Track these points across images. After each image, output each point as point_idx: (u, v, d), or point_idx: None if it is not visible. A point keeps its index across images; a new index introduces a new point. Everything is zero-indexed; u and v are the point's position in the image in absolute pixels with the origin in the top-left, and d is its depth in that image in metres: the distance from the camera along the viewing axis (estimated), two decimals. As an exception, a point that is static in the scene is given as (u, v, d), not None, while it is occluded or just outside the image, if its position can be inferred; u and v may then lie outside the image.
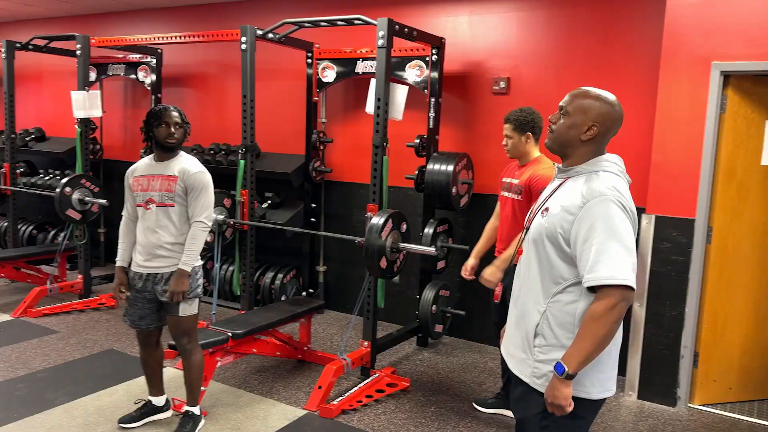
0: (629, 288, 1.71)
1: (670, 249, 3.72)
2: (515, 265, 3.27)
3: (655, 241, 3.76)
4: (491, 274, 3.19)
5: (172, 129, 2.99)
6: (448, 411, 3.59)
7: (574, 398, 1.80)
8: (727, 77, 3.56)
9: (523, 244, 2.02)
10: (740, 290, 3.78)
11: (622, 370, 4.08)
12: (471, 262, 3.53)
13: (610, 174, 1.84)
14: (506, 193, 3.31)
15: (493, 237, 3.48)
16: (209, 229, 3.08)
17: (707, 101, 3.56)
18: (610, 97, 1.89)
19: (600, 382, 1.86)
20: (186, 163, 3.05)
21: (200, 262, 3.09)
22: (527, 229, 1.99)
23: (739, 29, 3.47)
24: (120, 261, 3.14)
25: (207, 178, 3.07)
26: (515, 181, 3.23)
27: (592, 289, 1.76)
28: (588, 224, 1.75)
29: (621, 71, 4.11)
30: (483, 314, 4.61)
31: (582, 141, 1.86)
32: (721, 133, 3.61)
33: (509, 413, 3.52)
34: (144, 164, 3.11)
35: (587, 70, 4.23)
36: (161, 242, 3.01)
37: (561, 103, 1.92)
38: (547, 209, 1.89)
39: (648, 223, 3.77)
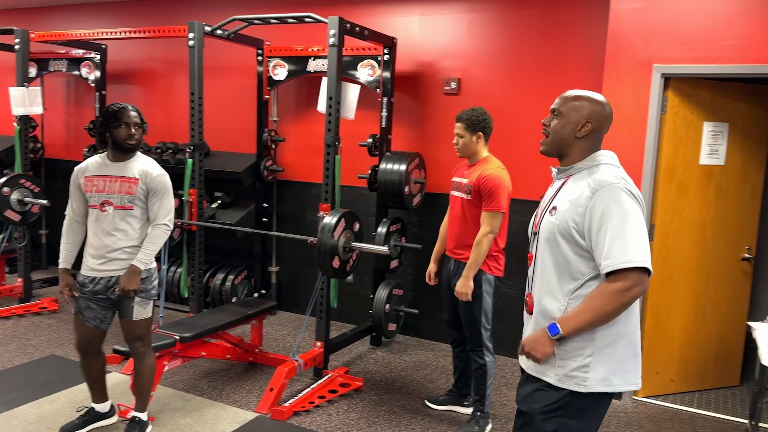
0: (646, 271, 1.74)
1: (615, 246, 3.82)
2: (446, 256, 3.34)
3: (600, 239, 3.86)
4: (463, 285, 3.15)
5: (132, 130, 2.89)
6: (400, 409, 3.60)
7: (581, 393, 1.83)
8: (668, 80, 3.69)
9: (531, 249, 2.01)
10: (680, 285, 3.93)
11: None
12: (432, 267, 3.54)
13: (610, 166, 1.90)
14: (456, 193, 3.32)
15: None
16: (171, 233, 3.01)
17: (649, 103, 3.69)
18: (600, 97, 1.96)
19: (605, 377, 1.84)
20: (146, 165, 2.96)
21: (155, 265, 3.02)
22: (536, 234, 1.99)
23: (678, 33, 3.60)
24: (63, 263, 3.02)
25: (168, 180, 3.00)
26: (464, 181, 3.25)
27: (610, 275, 1.77)
28: (600, 212, 1.78)
29: (568, 73, 4.21)
30: (435, 312, 4.65)
31: (577, 138, 1.92)
32: (662, 133, 3.74)
33: (461, 409, 3.57)
34: (96, 163, 2.98)
35: (536, 71, 4.31)
36: (118, 246, 2.91)
37: (552, 107, 1.98)
38: (555, 208, 1.91)
39: (594, 221, 3.87)
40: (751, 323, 3.18)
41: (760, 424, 3.36)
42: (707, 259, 3.96)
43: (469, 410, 3.50)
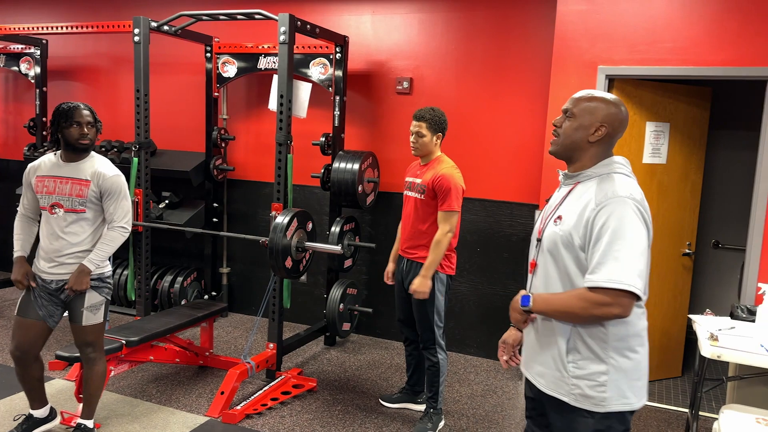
0: (629, 294, 1.65)
1: (563, 243, 3.92)
2: (401, 256, 3.34)
3: (549, 236, 3.94)
4: (422, 284, 3.14)
5: (85, 129, 2.79)
6: (354, 408, 3.59)
7: (619, 413, 1.77)
8: (612, 81, 3.80)
9: (536, 256, 1.90)
10: (625, 280, 4.05)
11: (520, 359, 4.30)
12: (390, 267, 3.53)
13: (622, 176, 1.77)
14: (409, 193, 3.32)
15: None
16: (128, 236, 2.92)
17: (594, 103, 3.78)
18: (615, 99, 1.84)
19: (638, 389, 1.82)
20: (99, 166, 2.85)
21: (110, 269, 2.93)
22: (539, 240, 1.88)
23: (622, 36, 3.71)
24: (19, 251, 2.91)
25: (123, 181, 2.90)
26: (418, 181, 3.26)
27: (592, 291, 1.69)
28: (599, 225, 1.68)
29: (517, 73, 4.29)
30: (390, 311, 4.67)
31: (590, 143, 1.80)
32: (607, 133, 3.84)
33: (414, 406, 3.58)
34: (49, 163, 2.86)
35: (486, 72, 4.37)
36: (67, 250, 2.81)
37: (565, 107, 1.86)
38: (560, 217, 1.80)
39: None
40: (691, 316, 3.30)
41: (700, 413, 3.50)
42: (651, 253, 4.09)
43: (422, 407, 3.52)
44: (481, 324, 4.53)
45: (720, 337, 2.89)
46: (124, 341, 3.27)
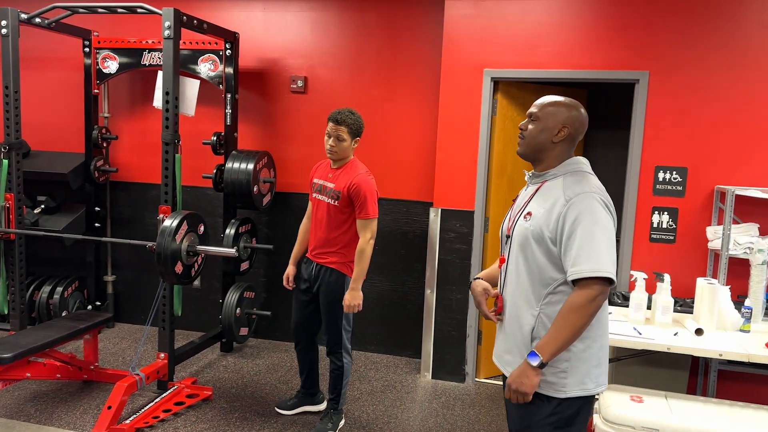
0: (609, 281, 1.79)
1: (455, 239, 4.06)
2: (309, 259, 3.31)
3: (441, 232, 4.07)
4: (355, 297, 3.11)
5: None
6: (252, 414, 3.52)
7: (575, 398, 1.87)
8: (497, 83, 3.98)
9: (505, 251, 2.01)
10: (514, 272, 4.26)
11: (417, 352, 4.41)
12: (290, 269, 3.41)
13: (585, 173, 1.92)
14: (319, 196, 3.21)
15: (307, 241, 3.36)
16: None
17: (481, 104, 3.95)
18: (575, 102, 1.98)
19: (596, 376, 1.91)
20: None
21: None
22: (508, 237, 1.99)
23: (505, 40, 3.89)
24: None
25: None
26: (330, 185, 3.16)
27: (575, 282, 1.81)
28: (572, 220, 1.81)
29: (410, 74, 4.38)
30: (289, 313, 4.60)
31: (554, 143, 1.93)
32: (493, 133, 4.02)
33: (313, 407, 3.55)
34: None
35: (379, 72, 4.43)
36: None
37: (530, 111, 1.98)
38: (530, 213, 1.91)
39: (435, 215, 4.07)
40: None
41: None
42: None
43: (321, 407, 3.51)
44: (381, 321, 4.59)
45: (597, 323, 3.10)
46: (-6, 360, 3.00)
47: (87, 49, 4.61)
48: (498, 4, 3.88)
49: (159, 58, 4.48)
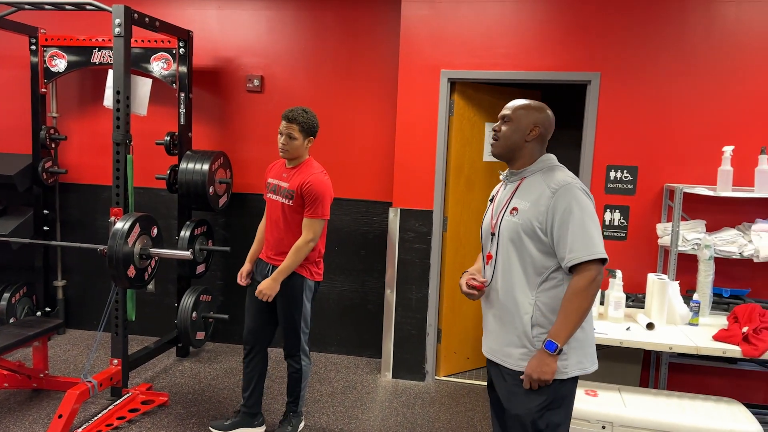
0: (604, 261, 1.94)
1: (414, 238, 4.08)
2: (261, 260, 3.23)
3: (401, 232, 4.08)
4: (270, 287, 3.03)
5: None
6: (210, 419, 3.45)
7: (571, 378, 2.00)
8: (454, 84, 4.01)
9: (491, 248, 2.11)
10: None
11: (377, 353, 4.41)
12: (246, 267, 3.30)
13: (560, 167, 2.08)
14: (274, 196, 3.13)
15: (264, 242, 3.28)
16: None
17: (438, 105, 3.97)
18: (543, 105, 2.14)
19: (590, 355, 2.07)
20: None
21: None
22: (493, 234, 2.10)
23: (461, 41, 3.93)
24: None
25: None
26: (284, 185, 3.10)
27: (573, 268, 1.94)
28: (561, 210, 1.95)
29: (368, 74, 4.37)
30: (246, 315, 4.54)
31: (526, 142, 2.08)
32: (451, 133, 4.06)
33: (252, 430, 3.32)
34: None
35: (338, 72, 4.41)
36: None
37: (502, 114, 2.12)
38: (516, 209, 2.04)
39: (394, 216, 4.08)
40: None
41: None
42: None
43: (259, 430, 3.34)
44: (341, 322, 4.57)
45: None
46: (-67, 371, 2.87)
47: (33, 47, 4.45)
48: (454, 6, 3.91)
49: (109, 56, 4.36)
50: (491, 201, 2.22)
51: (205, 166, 4.10)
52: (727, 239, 3.51)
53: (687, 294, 3.58)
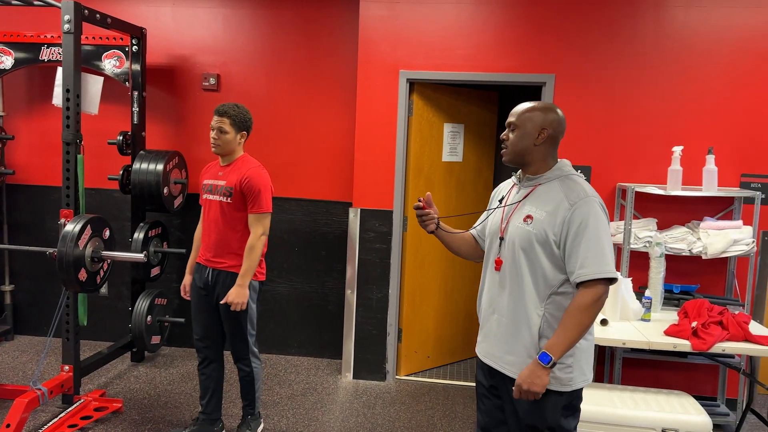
0: (613, 280, 1.90)
1: (374, 238, 4.08)
2: (203, 266, 3.11)
3: (361, 232, 4.08)
4: (239, 294, 2.94)
5: None
6: (166, 425, 3.38)
7: (580, 389, 2.00)
8: (413, 84, 4.03)
9: (499, 253, 2.06)
10: (431, 269, 4.34)
11: (338, 353, 4.40)
12: (187, 279, 3.22)
13: (578, 177, 2.03)
14: (211, 196, 3.06)
15: None
16: None
17: (397, 105, 3.98)
18: (550, 104, 2.07)
19: (590, 365, 2.05)
20: None
21: None
22: (502, 239, 2.06)
23: (420, 42, 3.95)
24: None
25: None
26: (221, 183, 3.03)
27: (581, 283, 1.90)
28: (577, 223, 1.90)
29: (328, 74, 4.35)
30: (204, 318, 4.46)
31: (536, 146, 2.01)
32: (410, 133, 4.07)
33: None
34: None
35: (296, 71, 4.37)
36: None
37: (508, 121, 2.05)
38: (530, 216, 1.98)
39: (354, 216, 4.07)
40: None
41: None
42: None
43: None
44: (301, 323, 4.53)
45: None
46: None
47: (-23, 42, 4.28)
48: (412, 7, 3.92)
49: (59, 53, 4.22)
50: (500, 201, 2.16)
51: (160, 166, 4.01)
52: (677, 237, 3.63)
53: (639, 291, 3.68)
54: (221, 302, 3.01)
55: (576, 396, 2.03)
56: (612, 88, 3.83)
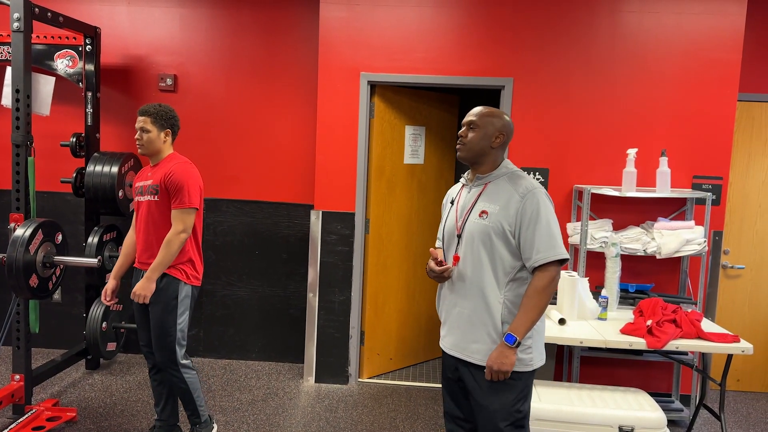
0: (564, 261, 2.11)
1: (336, 241, 4.06)
2: (136, 269, 3.05)
3: (323, 235, 4.06)
4: (145, 287, 2.85)
5: None
6: (123, 435, 3.30)
7: (530, 371, 2.16)
8: (374, 87, 4.03)
9: (456, 250, 2.21)
10: (393, 271, 4.35)
11: (300, 357, 4.36)
12: (111, 284, 3.09)
13: (522, 173, 2.23)
14: (141, 197, 2.98)
15: (134, 252, 3.08)
16: None
17: (359, 107, 3.98)
18: (503, 112, 2.32)
19: (541, 351, 2.22)
20: None
21: None
22: (459, 236, 2.21)
23: (380, 44, 3.95)
24: None
25: None
26: (149, 182, 2.95)
27: (537, 268, 2.09)
28: (529, 213, 2.10)
29: (288, 76, 4.31)
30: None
31: (492, 148, 2.20)
32: (372, 136, 4.07)
33: None
34: None
35: (256, 72, 4.32)
36: None
37: (468, 120, 2.21)
38: (485, 212, 2.15)
39: (316, 218, 4.05)
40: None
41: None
42: (414, 247, 4.45)
43: None
44: (262, 328, 4.48)
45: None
46: None
47: None
48: (371, 9, 3.93)
49: (8, 52, 4.08)
50: (451, 203, 2.32)
51: (114, 169, 3.91)
52: (632, 237, 3.72)
53: (596, 290, 3.76)
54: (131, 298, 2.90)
55: (531, 378, 2.20)
56: (569, 92, 3.91)
